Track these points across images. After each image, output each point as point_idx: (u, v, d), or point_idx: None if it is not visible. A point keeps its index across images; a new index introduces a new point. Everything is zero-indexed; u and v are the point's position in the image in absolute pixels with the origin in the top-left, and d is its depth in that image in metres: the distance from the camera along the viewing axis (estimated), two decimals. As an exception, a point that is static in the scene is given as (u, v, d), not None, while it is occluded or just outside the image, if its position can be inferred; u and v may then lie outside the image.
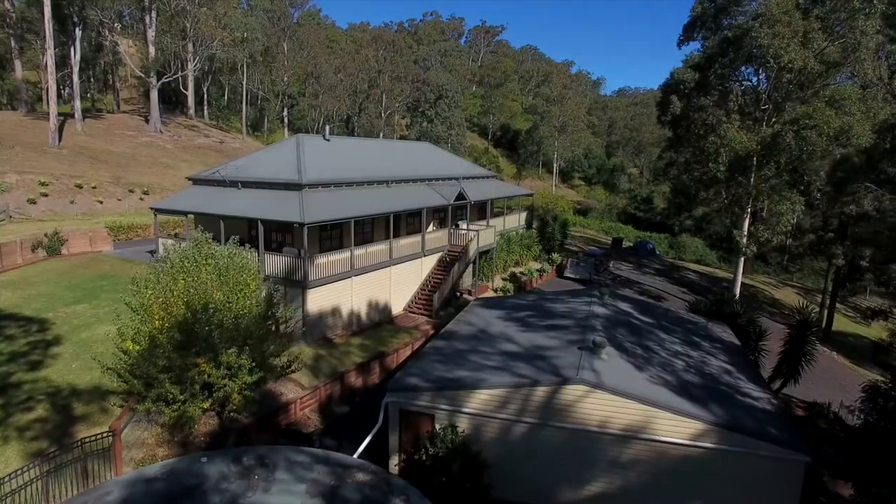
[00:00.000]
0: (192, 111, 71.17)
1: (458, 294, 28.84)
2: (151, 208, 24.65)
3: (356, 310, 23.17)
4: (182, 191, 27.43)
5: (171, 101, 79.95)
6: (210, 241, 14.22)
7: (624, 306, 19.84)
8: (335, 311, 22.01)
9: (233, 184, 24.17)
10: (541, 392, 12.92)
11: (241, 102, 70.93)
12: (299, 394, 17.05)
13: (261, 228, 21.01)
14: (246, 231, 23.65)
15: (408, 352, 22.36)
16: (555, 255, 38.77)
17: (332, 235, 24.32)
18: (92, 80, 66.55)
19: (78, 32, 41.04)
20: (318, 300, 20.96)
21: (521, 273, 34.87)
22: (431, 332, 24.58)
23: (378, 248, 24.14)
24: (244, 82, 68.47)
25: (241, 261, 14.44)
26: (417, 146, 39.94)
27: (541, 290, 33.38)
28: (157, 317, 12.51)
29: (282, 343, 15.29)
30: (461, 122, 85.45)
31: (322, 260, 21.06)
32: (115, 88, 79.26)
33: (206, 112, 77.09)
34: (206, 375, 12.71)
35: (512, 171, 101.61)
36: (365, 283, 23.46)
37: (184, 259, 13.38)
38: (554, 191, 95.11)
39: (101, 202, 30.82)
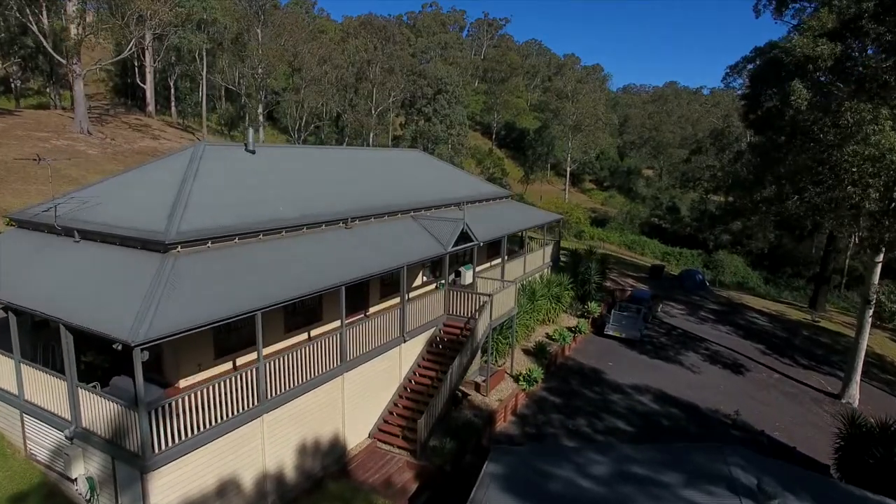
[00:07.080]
0: (151, 108, 60.76)
1: (461, 395, 18.35)
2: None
3: (272, 469, 12.66)
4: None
5: (138, 98, 69.33)
6: None
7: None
8: (224, 489, 11.52)
9: (69, 231, 13.68)
10: None
11: (203, 98, 60.32)
12: None
13: (67, 339, 10.55)
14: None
15: (365, 557, 11.95)
16: (592, 305, 28.19)
17: (238, 325, 13.84)
18: (17, 67, 55.61)
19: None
20: (178, 485, 10.47)
21: (550, 338, 24.37)
22: (414, 488, 14.20)
23: (318, 343, 13.65)
24: (204, 72, 57.82)
25: None
26: (403, 157, 29.23)
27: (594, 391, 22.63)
28: None
29: None
30: (463, 121, 74.53)
31: (191, 394, 10.60)
32: (69, 82, 68.82)
33: (173, 110, 66.31)
34: None
35: (518, 174, 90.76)
36: (291, 416, 12.95)
37: None
38: (567, 198, 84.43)
39: (-79, 242, 20.35)
